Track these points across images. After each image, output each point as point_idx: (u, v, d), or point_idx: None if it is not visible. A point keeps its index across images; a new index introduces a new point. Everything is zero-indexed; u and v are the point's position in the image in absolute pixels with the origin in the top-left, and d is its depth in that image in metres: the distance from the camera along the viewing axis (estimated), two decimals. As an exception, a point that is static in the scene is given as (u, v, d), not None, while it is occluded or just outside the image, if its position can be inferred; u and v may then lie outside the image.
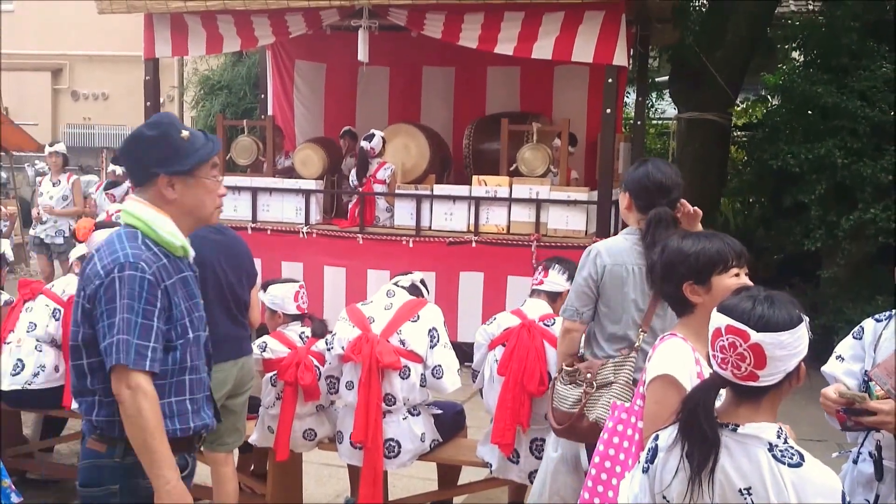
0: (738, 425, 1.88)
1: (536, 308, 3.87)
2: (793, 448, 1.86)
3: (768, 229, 9.01)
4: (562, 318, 3.27)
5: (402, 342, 3.82)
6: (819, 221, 7.43)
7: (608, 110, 6.92)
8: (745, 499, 1.83)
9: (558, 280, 3.89)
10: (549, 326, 3.74)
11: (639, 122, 9.15)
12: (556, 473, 3.40)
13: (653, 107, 12.89)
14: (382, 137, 7.79)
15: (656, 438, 2.03)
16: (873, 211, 7.04)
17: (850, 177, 7.20)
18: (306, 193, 7.74)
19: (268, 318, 4.23)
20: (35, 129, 14.38)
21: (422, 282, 4.23)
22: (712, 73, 8.94)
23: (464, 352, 4.81)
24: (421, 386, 3.86)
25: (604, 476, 2.52)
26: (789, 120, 8.01)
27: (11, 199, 11.69)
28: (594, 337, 3.21)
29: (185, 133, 2.36)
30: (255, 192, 7.86)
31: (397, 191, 7.67)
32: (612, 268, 3.12)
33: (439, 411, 4.08)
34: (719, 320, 1.90)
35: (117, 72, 17.87)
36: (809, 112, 7.86)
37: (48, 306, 4.58)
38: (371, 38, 7.26)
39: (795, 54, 10.21)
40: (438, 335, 3.87)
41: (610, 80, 6.85)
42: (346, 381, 3.90)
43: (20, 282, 4.90)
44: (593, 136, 8.46)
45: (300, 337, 4.14)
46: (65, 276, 5.01)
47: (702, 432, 1.86)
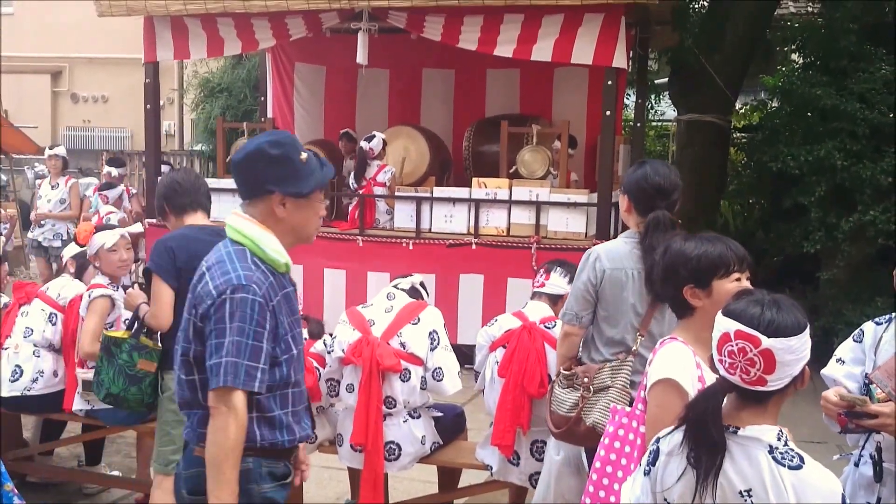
0: (739, 428, 1.88)
1: (538, 310, 3.87)
2: (793, 450, 1.86)
3: (768, 231, 9.00)
4: (561, 321, 3.28)
5: (402, 345, 3.82)
6: (819, 223, 7.43)
7: (608, 112, 6.92)
8: (746, 501, 1.84)
9: (560, 283, 3.89)
10: (550, 329, 3.73)
11: (638, 124, 9.15)
12: (559, 476, 3.40)
13: (652, 109, 12.89)
14: (383, 139, 7.79)
15: (658, 441, 2.03)
16: (873, 213, 7.04)
17: (850, 179, 7.20)
18: (306, 195, 7.71)
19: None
20: (35, 131, 14.34)
21: (422, 284, 4.23)
22: (712, 75, 8.93)
23: (464, 354, 4.80)
24: (421, 389, 3.85)
25: (605, 481, 2.51)
26: (789, 122, 8.03)
27: (11, 202, 11.66)
28: (592, 341, 3.22)
29: (304, 156, 2.40)
30: (255, 194, 7.83)
31: (397, 193, 7.67)
32: (611, 272, 3.12)
33: (440, 414, 4.08)
34: (727, 325, 1.89)
35: (117, 74, 17.83)
36: (809, 114, 7.87)
37: (44, 311, 4.51)
38: (371, 41, 7.26)
39: (795, 56, 10.23)
40: (439, 338, 3.86)
41: (609, 83, 6.85)
42: (347, 384, 3.89)
43: (14, 284, 4.84)
44: (593, 139, 8.46)
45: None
46: (59, 277, 4.94)
47: (710, 438, 1.85)
